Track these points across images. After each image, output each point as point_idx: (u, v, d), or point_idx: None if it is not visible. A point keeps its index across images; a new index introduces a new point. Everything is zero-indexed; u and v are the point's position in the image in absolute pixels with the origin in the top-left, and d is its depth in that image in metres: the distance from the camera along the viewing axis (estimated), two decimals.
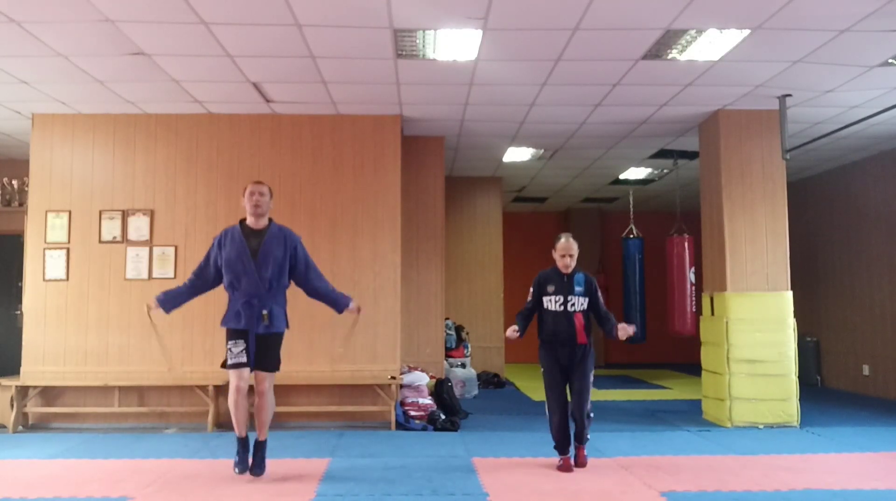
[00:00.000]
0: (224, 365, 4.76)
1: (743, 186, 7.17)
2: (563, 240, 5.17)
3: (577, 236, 5.36)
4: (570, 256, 5.13)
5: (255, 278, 4.69)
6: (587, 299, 5.13)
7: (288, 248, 4.82)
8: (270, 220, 4.89)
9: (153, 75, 6.11)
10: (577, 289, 5.10)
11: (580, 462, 5.17)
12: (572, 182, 11.41)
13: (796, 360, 7.00)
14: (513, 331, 5.15)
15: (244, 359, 4.69)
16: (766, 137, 7.16)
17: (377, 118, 7.36)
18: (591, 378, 5.15)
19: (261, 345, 4.74)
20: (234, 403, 4.71)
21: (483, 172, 10.78)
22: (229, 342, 4.72)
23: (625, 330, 5.08)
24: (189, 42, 5.38)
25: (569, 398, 5.18)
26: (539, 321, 5.24)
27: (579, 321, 5.07)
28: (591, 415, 5.20)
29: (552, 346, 5.13)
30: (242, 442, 4.79)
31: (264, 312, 4.70)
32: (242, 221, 4.86)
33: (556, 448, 5.18)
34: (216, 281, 4.86)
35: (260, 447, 4.84)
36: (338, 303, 4.98)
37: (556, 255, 5.19)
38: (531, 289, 5.26)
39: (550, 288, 5.13)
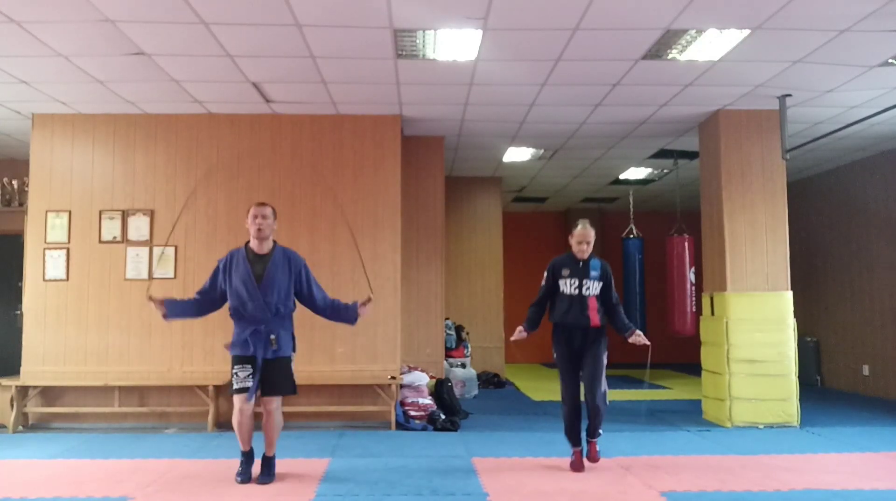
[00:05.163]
0: (230, 390, 4.75)
1: (743, 186, 7.17)
2: (580, 227, 5.19)
3: None
4: (587, 243, 5.15)
5: (262, 305, 4.66)
6: (601, 285, 5.14)
7: (293, 272, 4.78)
8: (274, 242, 4.84)
9: (153, 75, 6.11)
10: (593, 274, 5.13)
11: (592, 457, 5.15)
12: (572, 182, 11.41)
13: (796, 360, 7.00)
14: (519, 333, 5.15)
15: (249, 384, 4.66)
16: (766, 137, 7.16)
17: (377, 118, 7.36)
18: (605, 361, 5.12)
19: (268, 370, 4.71)
20: (237, 423, 4.71)
21: (483, 172, 10.78)
22: (236, 367, 4.69)
23: (637, 338, 5.08)
24: (189, 42, 5.38)
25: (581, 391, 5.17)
26: (552, 306, 5.24)
27: (593, 304, 5.09)
28: (608, 402, 5.14)
29: (566, 330, 5.12)
30: (246, 455, 4.78)
31: (272, 337, 4.68)
32: (247, 244, 4.81)
33: (566, 435, 5.17)
34: (221, 303, 4.84)
35: (268, 461, 4.85)
36: (347, 315, 4.91)
37: (572, 241, 5.20)
38: (545, 274, 5.26)
39: (566, 272, 5.15)
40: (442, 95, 6.76)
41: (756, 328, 6.96)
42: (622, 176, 10.78)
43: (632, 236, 11.30)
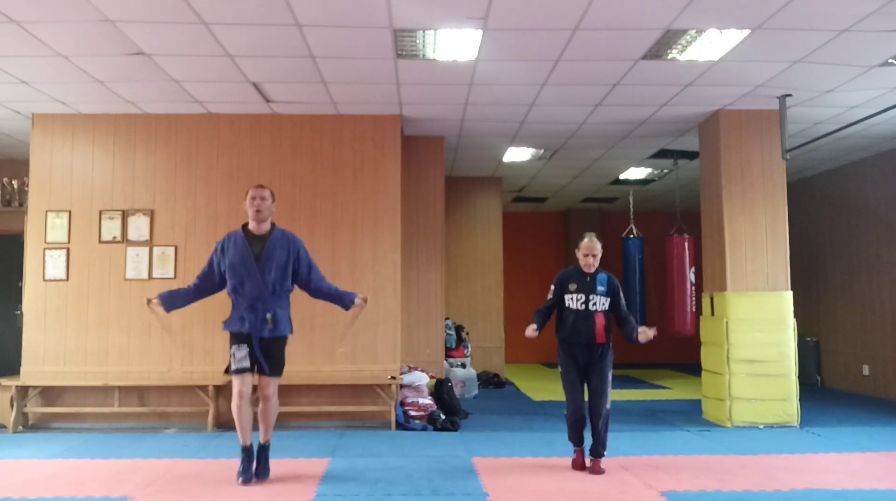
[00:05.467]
0: (227, 371, 4.74)
1: (743, 186, 7.17)
2: (586, 240, 5.15)
3: (577, 236, 5.34)
4: (594, 255, 5.10)
5: (259, 282, 4.67)
6: (609, 300, 5.09)
7: (291, 252, 4.79)
8: (273, 224, 4.86)
9: (153, 75, 6.11)
10: (600, 289, 5.07)
11: (595, 471, 5.02)
12: (572, 182, 11.41)
13: (796, 360, 7.00)
14: (532, 330, 5.08)
15: (247, 364, 4.66)
16: (766, 137, 7.16)
17: (377, 118, 7.36)
18: (610, 378, 5.08)
19: (265, 349, 4.71)
20: (237, 408, 4.69)
21: (483, 173, 10.78)
22: (233, 347, 4.69)
23: (645, 334, 5.02)
24: (189, 42, 5.38)
25: (586, 399, 5.12)
26: (558, 319, 5.20)
27: (600, 320, 5.03)
28: (608, 422, 5.05)
29: (571, 345, 5.09)
30: (247, 452, 4.75)
31: (268, 315, 4.68)
32: (245, 225, 4.83)
33: (570, 439, 5.16)
34: (220, 286, 4.84)
35: (264, 449, 4.84)
36: (343, 300, 4.94)
37: (579, 254, 5.16)
38: (552, 287, 5.22)
39: (572, 286, 5.10)
40: (442, 95, 6.76)
41: (756, 328, 6.95)
42: (622, 176, 10.78)
43: (632, 236, 11.30)
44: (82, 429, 6.89)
